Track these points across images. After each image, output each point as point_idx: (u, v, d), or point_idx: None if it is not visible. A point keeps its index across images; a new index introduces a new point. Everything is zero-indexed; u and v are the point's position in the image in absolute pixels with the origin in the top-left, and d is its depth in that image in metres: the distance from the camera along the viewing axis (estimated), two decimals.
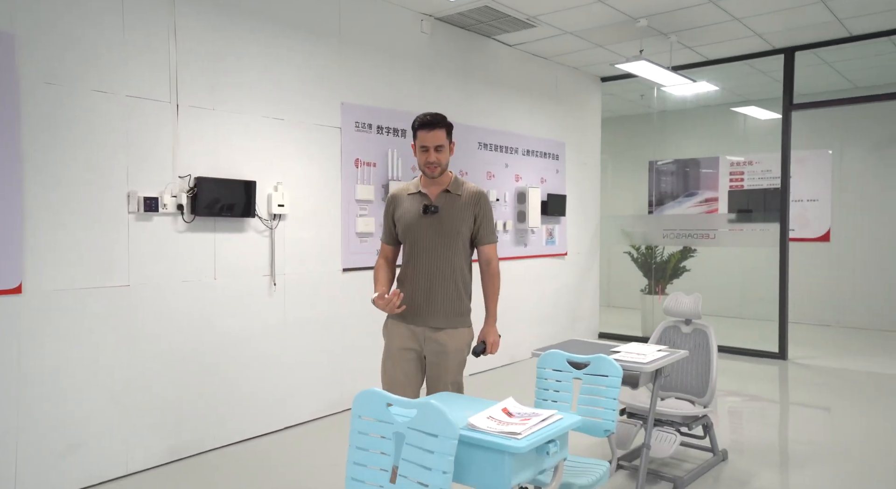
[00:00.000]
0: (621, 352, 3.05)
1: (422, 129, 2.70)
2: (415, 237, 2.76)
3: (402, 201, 2.81)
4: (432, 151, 2.70)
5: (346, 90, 4.58)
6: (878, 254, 8.08)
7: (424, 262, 2.75)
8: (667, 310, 3.72)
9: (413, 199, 2.79)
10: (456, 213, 2.75)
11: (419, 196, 2.78)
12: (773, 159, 8.57)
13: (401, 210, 2.79)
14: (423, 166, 2.73)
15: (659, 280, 7.46)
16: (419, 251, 2.76)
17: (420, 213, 2.73)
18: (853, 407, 4.80)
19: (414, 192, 2.79)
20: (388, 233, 2.88)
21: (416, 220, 2.75)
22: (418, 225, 2.74)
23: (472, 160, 5.70)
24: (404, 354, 2.79)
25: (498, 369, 5.96)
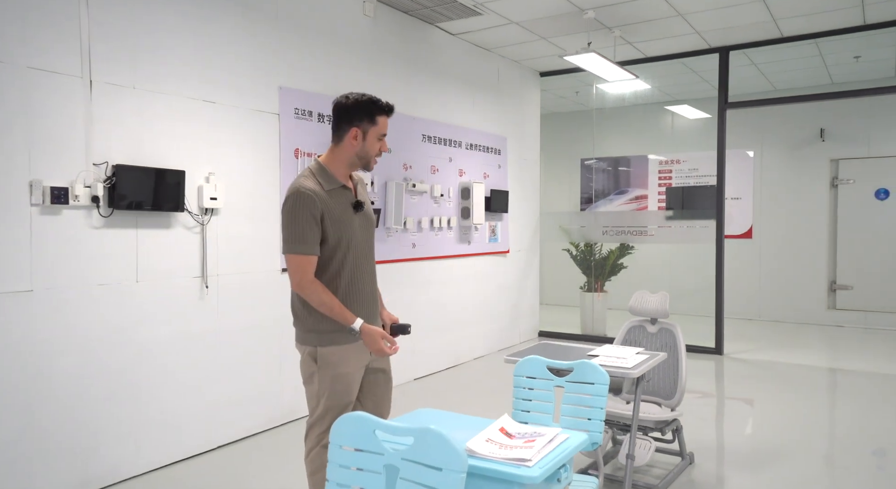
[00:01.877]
0: (600, 356, 2.86)
1: (386, 115, 2.33)
2: (355, 242, 2.32)
3: (325, 200, 2.24)
4: (385, 141, 2.37)
5: (285, 74, 4.17)
6: (796, 251, 8.44)
7: (365, 269, 2.38)
8: (632, 309, 3.58)
9: (336, 195, 2.29)
10: (368, 204, 2.43)
11: (342, 191, 2.31)
12: (699, 158, 8.79)
13: (332, 212, 2.25)
14: (372, 158, 2.33)
15: (598, 277, 7.44)
16: (358, 256, 2.34)
17: (351, 211, 2.32)
18: (798, 400, 4.89)
19: (332, 187, 2.28)
20: (315, 242, 2.22)
21: (353, 222, 2.31)
22: (353, 226, 2.31)
23: (416, 153, 5.40)
24: (359, 374, 2.37)
25: (441, 373, 5.71)
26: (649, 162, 9.23)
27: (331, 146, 2.33)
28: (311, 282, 2.21)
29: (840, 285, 8.25)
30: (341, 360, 2.28)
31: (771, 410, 4.63)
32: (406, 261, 5.29)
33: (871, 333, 7.66)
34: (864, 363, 6.09)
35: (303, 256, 2.20)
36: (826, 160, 8.27)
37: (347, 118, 2.27)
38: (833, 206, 8.30)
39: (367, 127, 2.27)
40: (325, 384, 2.28)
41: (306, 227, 2.18)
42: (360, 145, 2.28)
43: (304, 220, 2.18)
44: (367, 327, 2.25)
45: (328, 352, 2.27)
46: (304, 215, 2.18)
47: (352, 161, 2.31)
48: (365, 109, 2.27)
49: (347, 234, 2.27)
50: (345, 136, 2.27)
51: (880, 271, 7.97)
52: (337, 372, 2.27)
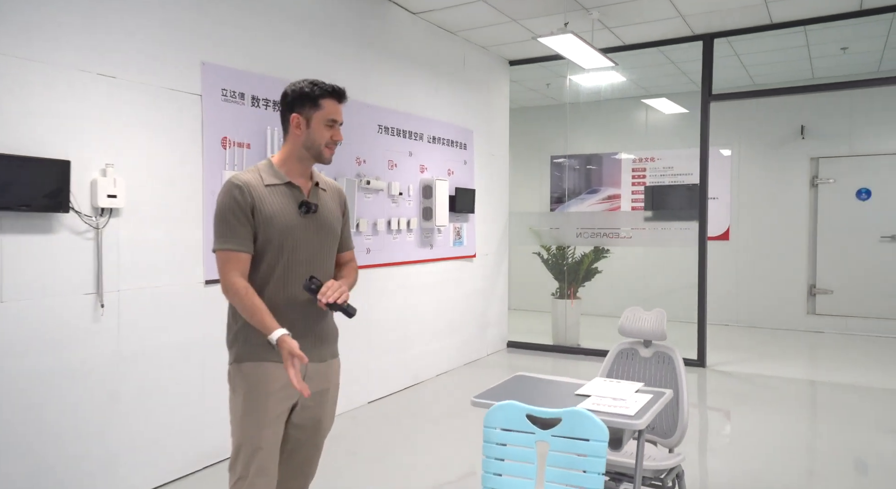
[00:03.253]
0: (591, 396, 2.28)
1: (333, 98, 2.05)
2: (293, 244, 2.02)
3: (262, 195, 1.99)
4: (338, 128, 2.08)
5: (210, 47, 3.48)
6: (775, 253, 8.07)
7: (297, 277, 2.04)
8: (623, 330, 3.01)
9: (278, 192, 2.02)
10: (330, 212, 2.14)
11: (287, 188, 2.04)
12: (674, 156, 8.37)
13: (267, 207, 1.99)
14: (322, 147, 2.04)
15: (571, 283, 6.91)
16: (297, 263, 2.03)
17: (296, 211, 2.03)
18: (791, 419, 4.42)
19: (276, 182, 2.02)
20: (245, 237, 1.97)
21: (295, 222, 2.02)
22: (297, 228, 2.03)
23: (371, 146, 4.76)
24: (284, 405, 2.02)
25: (400, 393, 5.08)
26: (622, 160, 8.77)
27: (282, 144, 2.11)
28: (233, 283, 1.94)
29: (820, 289, 7.89)
30: (255, 384, 1.97)
31: (763, 431, 4.14)
32: (360, 269, 4.64)
33: (852, 340, 7.31)
34: (852, 375, 5.68)
35: (228, 253, 1.95)
36: (806, 158, 7.90)
37: (288, 105, 2.05)
38: (813, 206, 7.94)
39: (309, 112, 2.03)
40: (237, 408, 2.00)
41: (234, 220, 1.95)
42: (304, 134, 2.03)
43: (231, 213, 1.95)
44: (289, 341, 1.87)
45: (241, 371, 2.00)
46: (230, 207, 1.95)
47: (300, 154, 2.05)
48: (305, 92, 2.02)
49: (282, 235, 1.99)
50: (289, 126, 2.05)
51: (861, 275, 7.64)
52: (253, 392, 1.97)
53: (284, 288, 2.01)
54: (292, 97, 2.03)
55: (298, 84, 2.04)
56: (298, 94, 2.02)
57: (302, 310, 2.03)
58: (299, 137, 2.03)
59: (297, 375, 1.84)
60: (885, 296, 7.48)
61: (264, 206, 1.97)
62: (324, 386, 2.10)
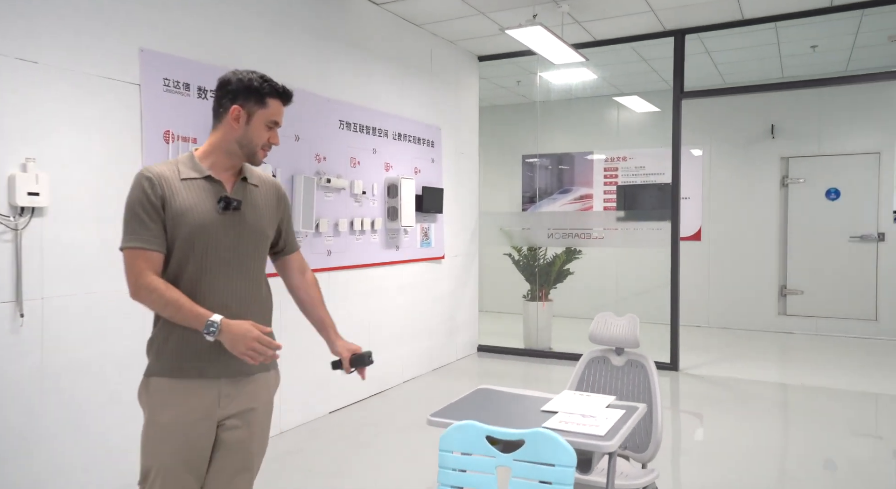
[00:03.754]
0: (559, 412, 2.08)
1: (280, 99, 1.89)
2: (207, 244, 1.83)
3: (175, 189, 1.81)
4: (276, 131, 1.92)
5: (150, 32, 3.22)
6: (746, 254, 8.02)
7: (222, 282, 1.85)
8: (594, 337, 2.83)
9: (195, 186, 1.83)
10: (259, 209, 1.94)
11: (206, 183, 1.85)
12: (646, 155, 8.27)
13: (179, 202, 1.80)
14: (257, 148, 1.88)
15: (542, 285, 6.74)
16: (214, 265, 1.83)
17: (215, 208, 1.84)
18: (764, 425, 4.30)
19: (194, 176, 1.84)
20: (156, 233, 1.78)
21: (210, 219, 1.83)
22: (213, 226, 1.83)
23: (332, 142, 4.52)
24: (201, 426, 1.80)
25: (364, 402, 4.84)
26: (594, 159, 8.66)
27: (210, 132, 1.91)
28: (148, 282, 1.74)
29: (791, 290, 7.86)
30: (160, 404, 1.78)
31: (743, 444, 4.00)
32: (320, 272, 4.40)
33: (823, 341, 7.28)
34: (823, 378, 5.61)
35: (137, 251, 1.75)
36: (776, 158, 7.87)
37: (231, 94, 1.85)
38: (783, 206, 7.91)
39: (253, 108, 1.85)
40: (142, 433, 1.81)
41: (143, 215, 1.76)
42: (242, 129, 1.85)
43: (140, 207, 1.76)
44: (230, 323, 1.73)
45: (148, 387, 1.81)
46: (139, 201, 1.77)
47: (230, 148, 1.87)
48: (254, 86, 1.85)
49: (194, 234, 1.80)
50: (225, 116, 1.86)
51: (831, 275, 7.62)
52: (153, 418, 1.79)
53: (196, 292, 1.79)
54: (237, 87, 1.84)
55: (246, 75, 1.86)
56: (246, 85, 1.84)
57: (223, 310, 1.79)
58: (235, 131, 1.85)
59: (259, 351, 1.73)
60: (854, 296, 7.47)
61: (175, 200, 1.78)
62: (249, 405, 1.88)
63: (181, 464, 1.76)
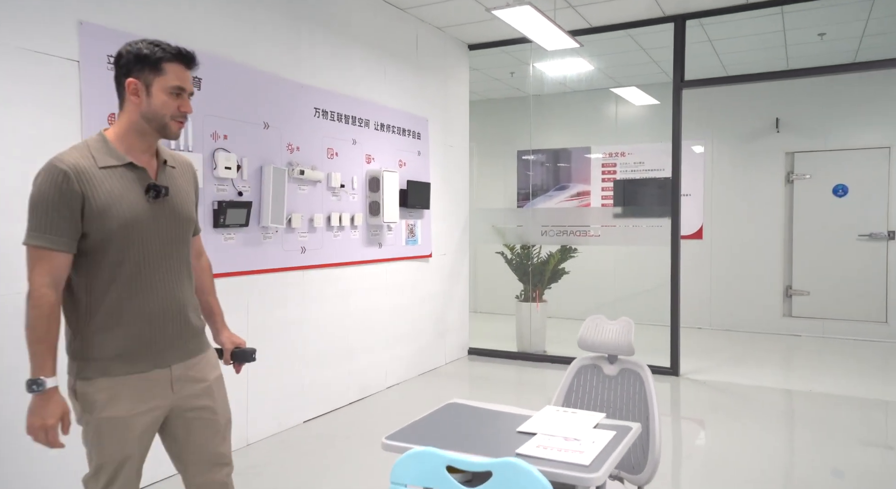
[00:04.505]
0: (538, 434, 1.76)
1: (179, 63, 1.75)
2: (141, 239, 1.73)
3: (95, 181, 1.67)
4: (187, 98, 1.78)
5: (91, 3, 2.90)
6: (749, 253, 7.70)
7: (160, 277, 1.77)
8: (584, 343, 2.52)
9: (116, 175, 1.71)
10: (183, 193, 1.86)
11: (128, 170, 1.73)
12: (645, 150, 7.96)
13: (101, 196, 1.67)
14: (167, 119, 1.75)
15: (536, 284, 6.43)
16: (150, 261, 1.75)
17: (142, 198, 1.74)
18: (770, 436, 3.98)
19: (113, 163, 1.71)
20: (66, 234, 1.64)
21: (141, 211, 1.73)
22: (146, 218, 1.74)
23: (306, 131, 4.21)
24: (144, 419, 1.75)
25: (342, 410, 4.53)
26: (592, 155, 8.34)
27: (118, 115, 1.79)
28: (42, 295, 1.62)
29: (796, 290, 7.54)
30: (110, 399, 1.71)
31: (747, 457, 3.68)
32: (293, 271, 4.09)
33: (830, 344, 6.96)
34: (831, 384, 5.29)
35: (40, 251, 1.63)
36: (781, 153, 7.55)
37: (125, 68, 1.73)
38: (789, 203, 7.59)
39: (149, 77, 1.72)
40: (90, 431, 1.73)
41: (53, 213, 1.62)
42: (143, 102, 1.73)
43: (51, 205, 1.62)
44: (53, 396, 1.64)
45: (92, 387, 1.71)
46: (49, 197, 1.62)
47: (140, 127, 1.75)
48: (143, 54, 1.71)
49: (126, 230, 1.70)
50: (125, 93, 1.74)
51: (838, 275, 7.30)
52: (103, 415, 1.70)
53: (135, 293, 1.72)
54: (126, 59, 1.72)
55: (136, 44, 1.74)
56: (135, 55, 1.71)
57: (162, 311, 1.77)
58: (138, 106, 1.73)
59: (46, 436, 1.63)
60: (862, 297, 7.15)
61: (98, 194, 1.66)
62: (202, 383, 1.87)
63: (125, 460, 1.73)
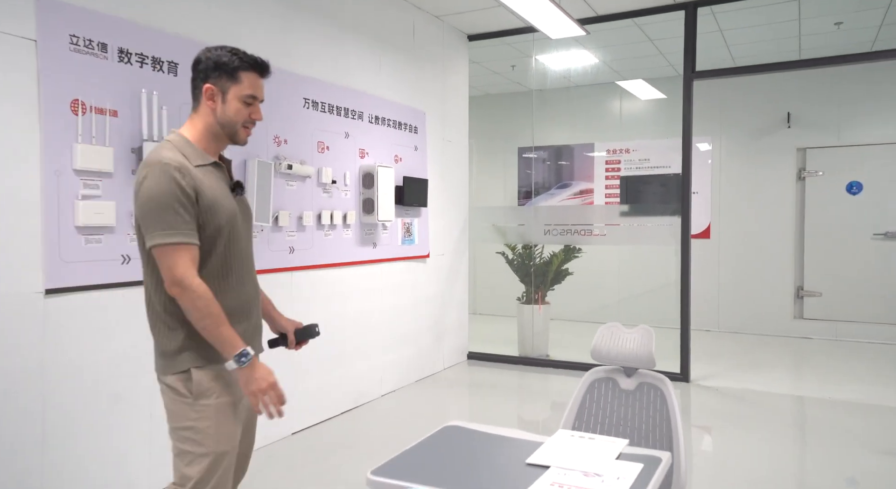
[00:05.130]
0: (551, 467, 1.49)
1: (254, 72, 1.84)
2: (231, 236, 1.83)
3: (198, 179, 1.75)
4: (258, 106, 1.87)
5: None
6: (759, 253, 7.43)
7: (247, 269, 1.90)
8: (597, 353, 2.25)
9: (209, 174, 1.80)
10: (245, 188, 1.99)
11: (215, 169, 1.84)
12: (651, 147, 7.70)
13: (207, 191, 1.75)
14: (239, 126, 1.84)
15: (539, 286, 6.16)
16: (239, 253, 1.86)
17: (230, 194, 1.86)
18: (784, 446, 3.71)
19: (203, 163, 1.79)
20: (193, 227, 1.72)
21: (233, 207, 1.84)
22: (237, 216, 1.85)
23: (295, 123, 3.94)
24: (244, 403, 1.89)
25: (334, 420, 4.25)
26: (595, 151, 8.08)
27: (190, 114, 1.86)
28: (195, 285, 1.67)
29: (808, 292, 7.27)
30: (224, 386, 1.78)
31: (763, 469, 3.41)
32: (280, 272, 3.82)
33: (843, 347, 6.69)
34: (845, 389, 5.02)
35: (179, 247, 1.68)
36: (792, 149, 7.28)
37: (202, 73, 1.82)
38: (800, 201, 7.32)
39: (225, 85, 1.81)
40: (204, 419, 1.73)
41: (179, 208, 1.68)
42: (219, 109, 1.81)
43: (176, 200, 1.67)
44: (258, 362, 1.75)
45: (206, 375, 1.75)
46: (173, 193, 1.67)
47: (214, 130, 1.83)
48: (222, 62, 1.80)
49: (229, 223, 1.80)
50: (201, 97, 1.82)
51: (852, 276, 7.03)
52: (220, 400, 1.76)
53: (235, 284, 1.82)
54: (205, 65, 1.80)
55: (215, 51, 1.81)
56: (214, 62, 1.79)
57: (251, 311, 1.89)
58: (213, 111, 1.81)
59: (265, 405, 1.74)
60: (877, 298, 6.89)
61: (204, 189, 1.74)
62: None
63: (235, 444, 1.80)
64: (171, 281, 1.67)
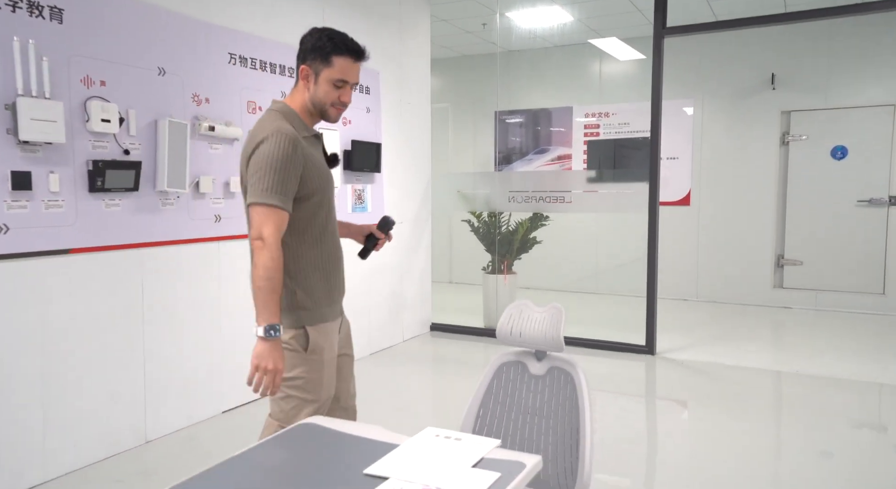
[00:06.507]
0: (389, 478, 1.25)
1: (348, 57, 1.91)
2: (329, 201, 2.00)
3: (305, 148, 1.88)
4: (349, 89, 1.95)
5: None
6: (740, 220, 7.16)
7: (335, 234, 2.04)
8: (502, 335, 2.01)
9: (311, 145, 1.94)
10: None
11: (315, 141, 1.98)
12: (631, 110, 7.36)
13: (311, 161, 1.89)
14: (328, 106, 1.93)
15: (505, 255, 5.91)
16: (332, 220, 2.03)
17: (326, 165, 2.00)
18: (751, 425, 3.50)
19: (307, 134, 1.93)
20: (291, 195, 1.84)
21: (329, 177, 2.00)
22: (330, 184, 2.01)
23: (218, 81, 3.62)
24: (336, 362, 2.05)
25: None
26: (574, 115, 7.74)
27: (293, 88, 1.99)
28: (274, 248, 1.79)
29: (788, 260, 7.03)
30: (328, 342, 1.98)
31: (724, 451, 3.21)
32: (203, 242, 3.56)
33: (823, 317, 6.48)
34: (822, 363, 4.81)
35: (274, 209, 1.79)
36: (776, 112, 6.94)
37: (301, 53, 1.95)
38: (783, 166, 7.02)
39: (319, 67, 1.91)
40: (312, 372, 1.93)
41: (285, 174, 1.81)
42: (311, 88, 1.93)
43: (284, 167, 1.80)
44: (279, 343, 1.81)
45: (316, 332, 1.94)
46: (284, 161, 1.80)
47: (308, 107, 1.95)
48: (318, 45, 1.90)
49: (326, 191, 1.97)
50: (299, 75, 1.95)
51: (834, 244, 6.78)
52: (326, 356, 1.97)
53: (329, 249, 1.99)
54: (304, 47, 1.93)
55: (316, 34, 1.93)
56: (311, 45, 1.92)
57: (336, 269, 2.05)
58: (307, 90, 1.93)
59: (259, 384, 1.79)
60: (859, 267, 6.65)
61: (309, 160, 1.89)
62: (348, 338, 2.17)
63: (332, 393, 2.01)
64: (256, 234, 1.78)
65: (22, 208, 2.70)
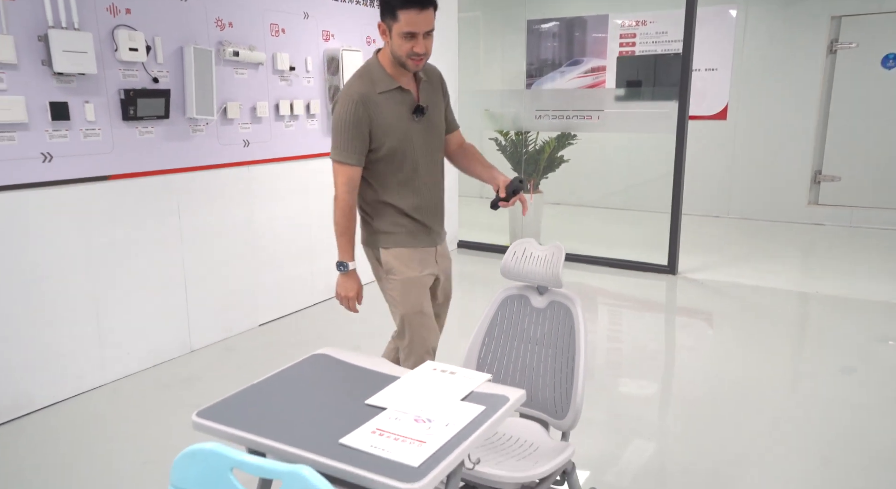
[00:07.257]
0: (387, 408, 1.42)
1: (410, 9, 1.95)
2: (413, 150, 2.17)
3: (378, 105, 2.07)
4: (421, 39, 2.01)
5: None
6: (778, 134, 6.94)
7: (424, 181, 2.23)
8: (505, 270, 2.13)
9: (391, 98, 2.10)
10: (436, 104, 2.23)
11: (398, 93, 2.11)
12: (669, 18, 7.00)
13: (382, 118, 2.08)
14: (405, 58, 2.04)
15: (531, 174, 5.93)
16: (417, 168, 2.20)
17: (410, 117, 2.13)
18: (766, 350, 3.63)
19: (388, 88, 2.09)
20: (357, 151, 2.08)
21: (410, 128, 2.14)
22: (412, 135, 2.15)
23: (240, 4, 3.62)
24: (426, 280, 2.29)
25: (308, 310, 4.32)
26: (609, 24, 7.41)
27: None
28: (343, 199, 2.13)
29: (826, 176, 6.86)
30: (404, 265, 2.23)
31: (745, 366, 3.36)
32: (234, 166, 3.71)
33: (855, 234, 6.40)
34: (849, 283, 4.83)
35: (341, 165, 2.10)
36: (826, 18, 6.53)
37: (381, 12, 2.05)
38: (829, 77, 6.69)
39: (390, 23, 2.01)
40: (395, 289, 2.24)
41: (350, 135, 2.06)
42: (389, 42, 2.06)
43: (348, 127, 2.05)
44: (352, 274, 2.23)
45: (391, 255, 2.23)
46: (347, 122, 2.05)
47: (392, 59, 2.08)
48: (386, 2, 1.99)
49: (403, 144, 2.13)
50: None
51: (875, 160, 6.56)
52: (401, 277, 2.23)
53: (411, 193, 2.19)
54: (380, 6, 2.02)
55: None
56: (383, 3, 2.00)
57: (428, 205, 2.24)
58: (387, 44, 2.05)
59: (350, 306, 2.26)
60: None
61: (380, 117, 2.06)
62: (448, 261, 2.40)
63: (421, 308, 2.24)
64: (334, 186, 2.11)
65: (62, 138, 2.86)
